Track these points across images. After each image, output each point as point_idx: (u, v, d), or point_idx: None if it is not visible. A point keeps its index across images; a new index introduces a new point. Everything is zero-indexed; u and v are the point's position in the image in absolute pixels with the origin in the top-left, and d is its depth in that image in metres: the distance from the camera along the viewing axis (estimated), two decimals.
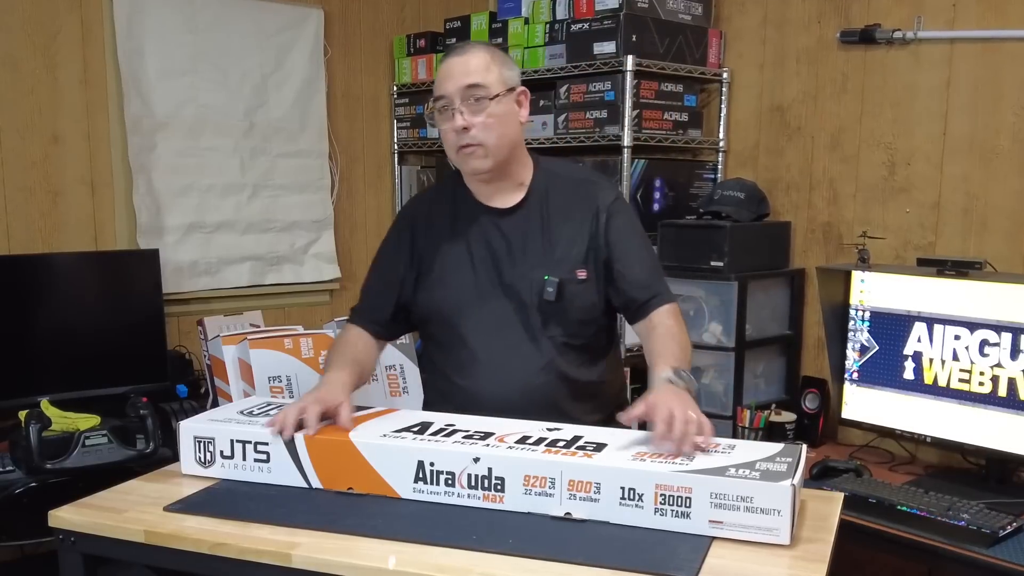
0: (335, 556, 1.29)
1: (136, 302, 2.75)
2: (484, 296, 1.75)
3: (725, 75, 2.93)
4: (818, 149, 2.77)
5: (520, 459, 1.41)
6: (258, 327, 2.51)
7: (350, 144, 3.42)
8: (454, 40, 3.24)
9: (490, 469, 1.42)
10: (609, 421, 1.72)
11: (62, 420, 2.31)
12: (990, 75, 2.42)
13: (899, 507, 2.05)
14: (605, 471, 1.37)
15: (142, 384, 2.64)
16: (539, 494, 1.39)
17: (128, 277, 2.76)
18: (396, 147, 3.51)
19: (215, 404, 2.13)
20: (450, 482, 1.44)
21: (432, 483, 1.45)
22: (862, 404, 2.43)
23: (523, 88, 1.76)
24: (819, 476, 2.27)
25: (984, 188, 2.45)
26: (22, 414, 2.28)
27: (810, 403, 2.66)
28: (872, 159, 2.65)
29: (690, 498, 1.32)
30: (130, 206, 2.88)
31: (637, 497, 1.34)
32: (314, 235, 3.33)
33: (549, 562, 1.25)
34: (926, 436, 2.31)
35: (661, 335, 1.68)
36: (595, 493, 1.37)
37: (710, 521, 1.32)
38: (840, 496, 1.57)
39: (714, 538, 1.31)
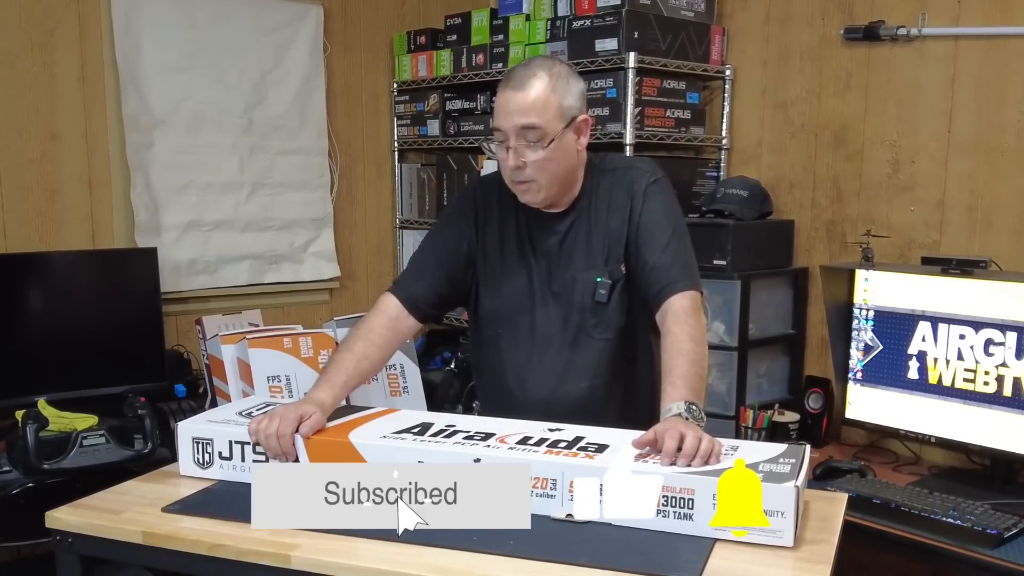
0: (334, 557, 1.28)
1: (134, 301, 2.74)
2: (536, 301, 1.74)
3: (728, 72, 2.91)
4: (822, 147, 2.75)
5: (521, 460, 1.39)
6: (257, 326, 2.50)
7: (350, 142, 3.41)
8: (454, 38, 3.22)
9: None
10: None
11: (59, 420, 2.30)
12: (995, 72, 2.40)
13: (903, 508, 2.04)
14: (609, 472, 1.35)
15: (140, 384, 2.63)
16: (541, 496, 1.38)
17: (126, 276, 2.75)
18: (396, 145, 3.50)
19: (213, 404, 2.11)
20: None
21: None
22: (866, 404, 2.42)
23: (584, 116, 1.69)
24: (823, 477, 2.25)
25: (989, 186, 2.44)
26: (19, 414, 2.28)
27: (813, 403, 2.64)
28: (876, 157, 2.64)
29: (693, 499, 1.31)
30: (128, 204, 2.86)
31: None
32: (313, 233, 3.31)
33: (550, 563, 1.24)
34: (930, 436, 2.29)
35: (671, 348, 1.57)
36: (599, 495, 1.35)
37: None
38: (844, 497, 1.56)
39: (717, 539, 1.30)
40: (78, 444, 2.25)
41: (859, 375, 2.43)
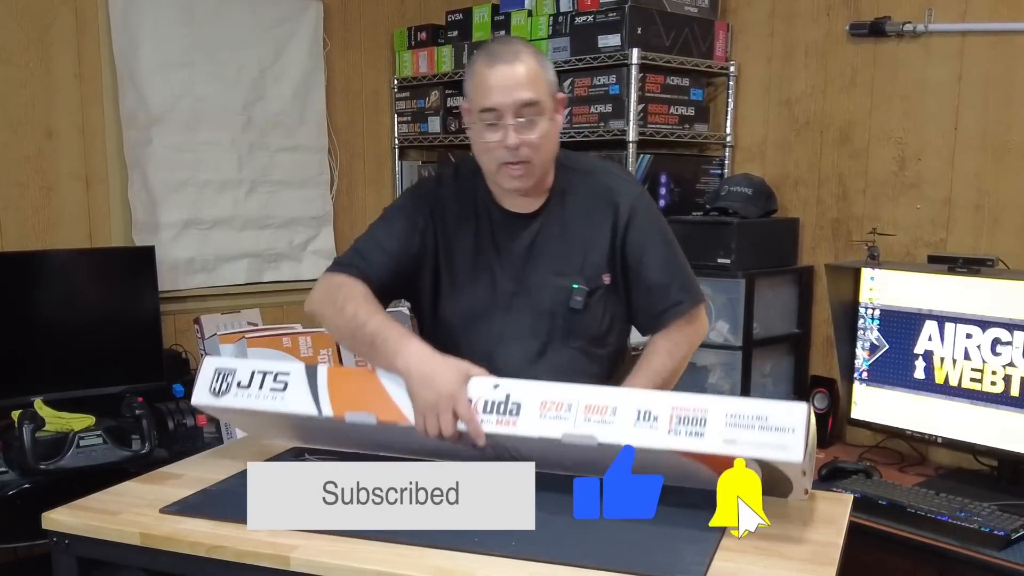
0: (334, 559, 1.26)
1: (131, 300, 2.72)
2: (504, 306, 1.68)
3: (732, 68, 2.89)
4: (827, 144, 2.73)
5: (538, 387, 1.43)
6: (256, 325, 2.49)
7: (350, 139, 3.39)
8: (455, 33, 3.20)
9: (508, 395, 1.43)
10: None
11: (56, 420, 2.29)
12: (1002, 69, 2.38)
13: (909, 509, 2.02)
14: (622, 396, 1.39)
15: (138, 384, 2.61)
16: (554, 418, 1.39)
17: (123, 274, 2.73)
18: (397, 142, 3.48)
19: None
20: None
21: None
22: (872, 404, 2.40)
23: (563, 95, 1.67)
24: (828, 477, 2.24)
25: (996, 184, 2.42)
26: (15, 414, 2.27)
27: (819, 403, 2.63)
28: (882, 154, 2.62)
29: (706, 418, 1.32)
30: (125, 202, 2.84)
31: (652, 418, 1.35)
32: (313, 231, 3.29)
33: (553, 565, 1.23)
34: (937, 437, 2.27)
35: (644, 358, 1.65)
36: (610, 416, 1.37)
37: (724, 440, 1.31)
38: (850, 498, 1.54)
39: (720, 539, 1.29)
40: (75, 444, 2.23)
41: (865, 375, 2.41)
